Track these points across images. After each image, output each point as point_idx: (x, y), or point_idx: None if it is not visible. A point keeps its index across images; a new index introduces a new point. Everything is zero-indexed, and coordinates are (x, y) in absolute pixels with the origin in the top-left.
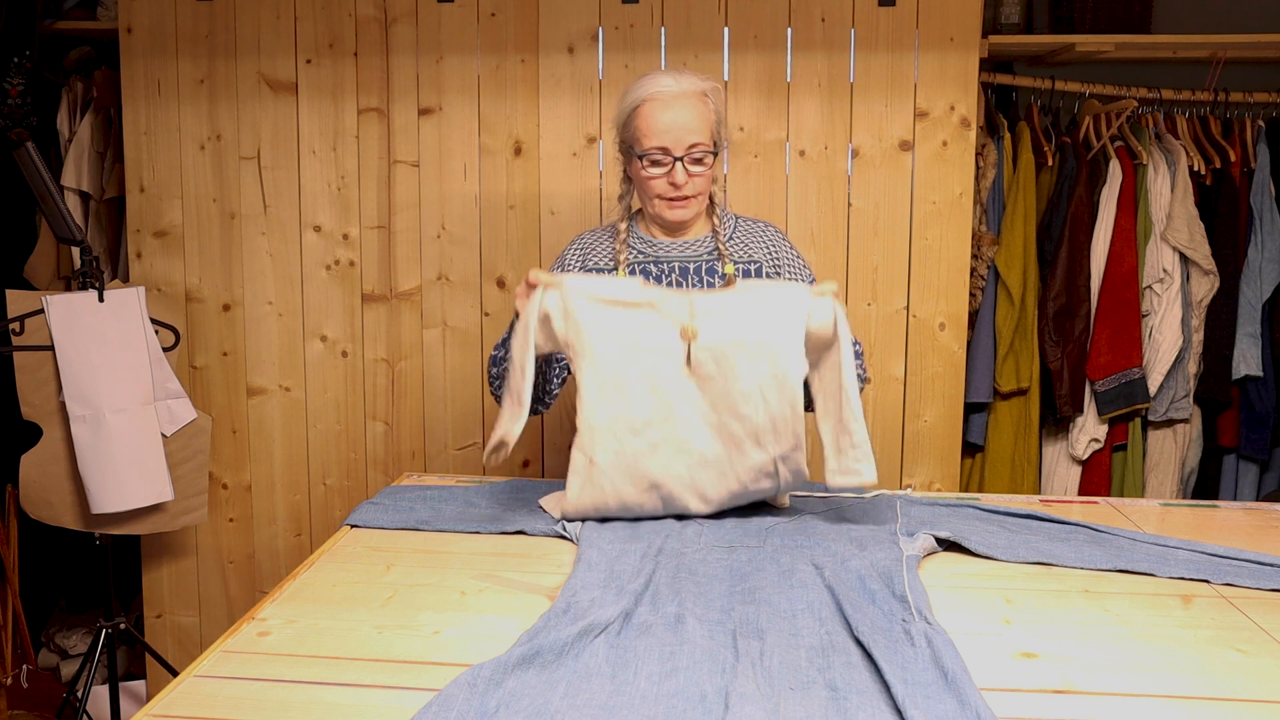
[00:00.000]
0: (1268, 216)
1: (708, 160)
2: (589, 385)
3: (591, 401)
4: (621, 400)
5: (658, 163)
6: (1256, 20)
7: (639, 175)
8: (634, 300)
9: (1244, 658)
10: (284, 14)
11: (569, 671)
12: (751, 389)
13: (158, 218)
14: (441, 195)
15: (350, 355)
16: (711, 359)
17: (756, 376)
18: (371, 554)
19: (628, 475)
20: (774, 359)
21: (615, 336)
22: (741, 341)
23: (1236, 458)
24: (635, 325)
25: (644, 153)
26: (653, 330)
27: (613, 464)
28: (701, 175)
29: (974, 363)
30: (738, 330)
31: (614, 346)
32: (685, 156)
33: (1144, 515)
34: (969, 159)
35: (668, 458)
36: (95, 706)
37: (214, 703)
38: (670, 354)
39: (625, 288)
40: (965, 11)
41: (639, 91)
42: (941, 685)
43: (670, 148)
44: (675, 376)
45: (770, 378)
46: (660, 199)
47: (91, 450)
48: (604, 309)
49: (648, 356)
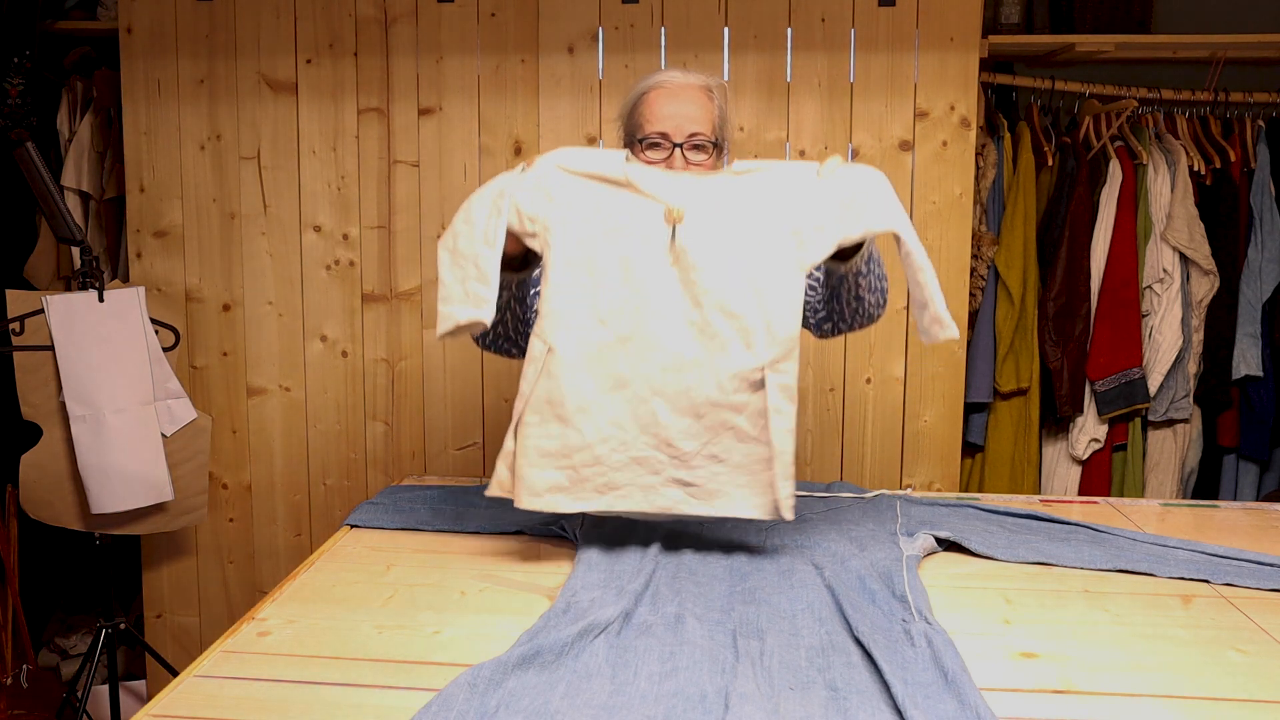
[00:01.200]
0: (1268, 216)
1: (708, 150)
2: (555, 265)
3: (556, 283)
4: (590, 284)
5: (656, 146)
6: (1256, 20)
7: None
8: (615, 176)
9: (1244, 658)
10: (284, 14)
11: (569, 671)
12: (742, 281)
13: (158, 218)
14: (441, 195)
15: (350, 355)
16: (698, 246)
17: (749, 267)
18: (371, 554)
19: (590, 369)
20: (771, 247)
21: (589, 214)
22: (734, 227)
23: (1236, 458)
24: (613, 203)
25: (644, 137)
26: (633, 211)
27: (574, 354)
28: (700, 166)
29: (974, 363)
30: (730, 214)
31: (586, 224)
32: (685, 143)
33: (1144, 515)
34: (969, 159)
35: (637, 354)
36: (95, 706)
37: (214, 703)
38: (651, 239)
39: (608, 161)
40: (965, 11)
41: (645, 82)
42: (941, 685)
43: (670, 134)
44: (655, 264)
45: (765, 268)
46: None
47: (91, 450)
48: (581, 183)
49: (624, 239)
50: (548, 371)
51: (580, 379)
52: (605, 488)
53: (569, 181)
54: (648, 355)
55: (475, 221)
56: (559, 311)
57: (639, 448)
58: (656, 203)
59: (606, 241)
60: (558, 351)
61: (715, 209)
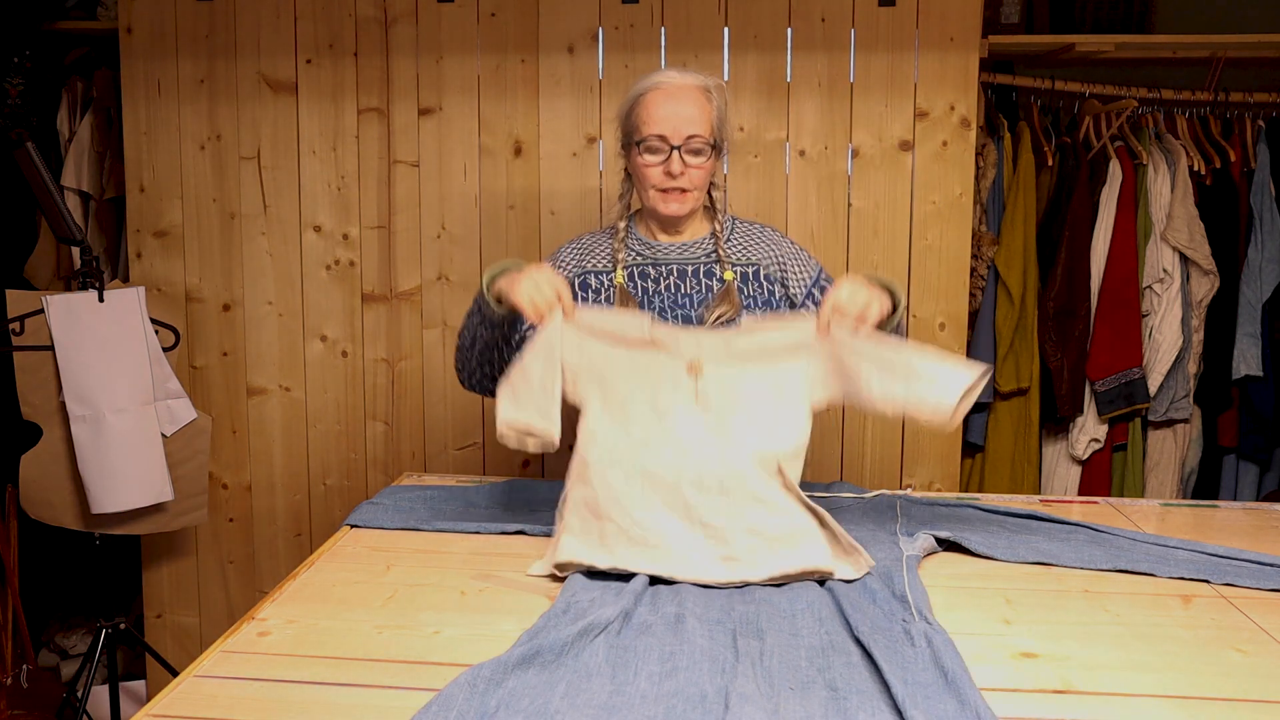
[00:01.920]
0: (1268, 216)
1: (706, 153)
2: (592, 404)
3: (594, 417)
4: (623, 419)
5: (654, 149)
6: (1256, 20)
7: (636, 165)
8: (640, 338)
9: (1244, 658)
10: (284, 14)
11: (569, 671)
12: (759, 414)
13: (158, 218)
14: (441, 195)
15: (350, 355)
16: (718, 390)
17: (764, 405)
18: (371, 554)
19: (620, 466)
20: (782, 393)
21: (622, 366)
22: (748, 375)
23: (1236, 458)
24: (642, 359)
25: (642, 139)
26: (660, 364)
27: (604, 460)
28: (699, 168)
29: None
30: (745, 366)
31: (621, 375)
32: (683, 146)
33: (1144, 515)
34: (969, 159)
35: (665, 455)
36: (95, 706)
37: (214, 703)
38: (677, 385)
39: (633, 324)
40: (965, 11)
41: (643, 83)
42: (941, 685)
43: (668, 135)
44: (681, 404)
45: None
46: (655, 190)
47: (91, 450)
48: (610, 345)
49: (654, 386)
50: (581, 479)
51: (611, 476)
52: (645, 552)
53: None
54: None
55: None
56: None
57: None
58: (678, 359)
59: (636, 386)
60: (589, 460)
61: (731, 363)
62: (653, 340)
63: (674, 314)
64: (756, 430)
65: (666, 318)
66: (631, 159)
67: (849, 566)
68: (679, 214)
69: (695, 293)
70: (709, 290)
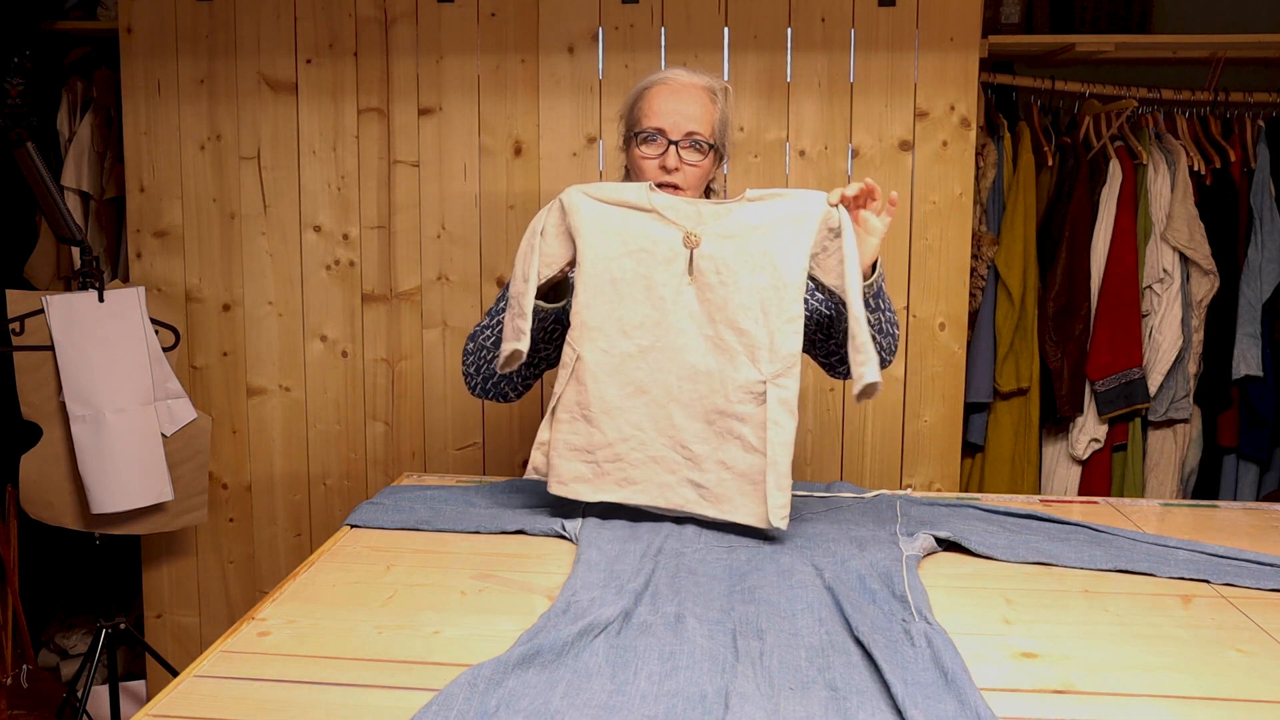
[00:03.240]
0: (1268, 216)
1: (704, 152)
2: (584, 282)
3: (585, 299)
4: (615, 299)
5: (651, 140)
6: (1256, 20)
7: (634, 158)
8: (638, 204)
9: (1244, 658)
10: (284, 14)
11: (569, 671)
12: (751, 300)
13: (158, 218)
14: (441, 195)
15: (350, 355)
16: (713, 267)
17: (758, 288)
18: (371, 554)
19: (614, 376)
20: (776, 270)
21: (615, 236)
22: (745, 250)
23: (1236, 458)
24: (638, 227)
25: (641, 130)
26: (656, 235)
27: (600, 362)
28: (694, 167)
29: (974, 363)
30: (742, 238)
31: (613, 245)
32: (681, 141)
33: (1144, 515)
34: (969, 159)
35: (657, 364)
36: (95, 706)
37: (214, 703)
38: (672, 260)
39: (632, 191)
40: (965, 11)
41: (649, 79)
42: (941, 685)
43: (667, 130)
44: (674, 283)
45: (771, 290)
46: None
47: (91, 450)
48: (607, 209)
49: (647, 260)
50: (576, 377)
51: (605, 385)
52: (625, 482)
53: (596, 208)
54: (666, 365)
55: (517, 262)
56: (587, 324)
57: (657, 448)
58: (676, 228)
59: (630, 261)
60: (585, 359)
61: (729, 234)
62: (652, 207)
63: None
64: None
65: None
66: (630, 152)
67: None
68: None
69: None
70: None
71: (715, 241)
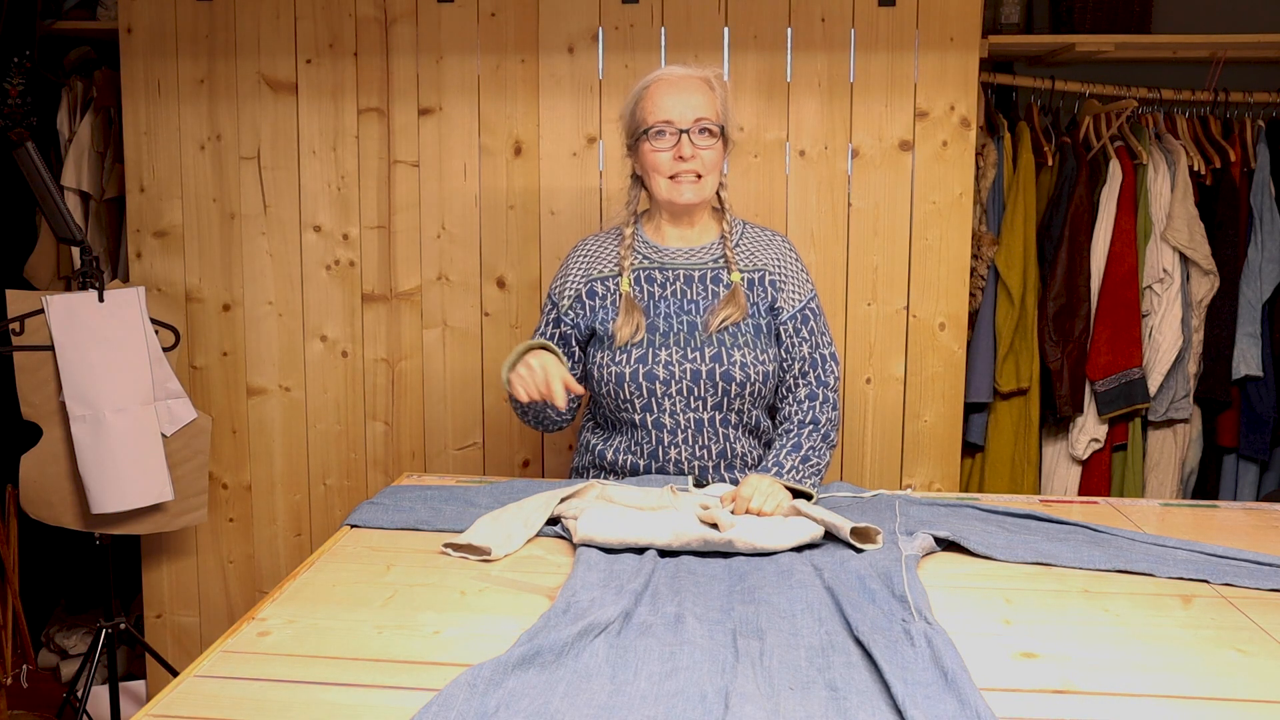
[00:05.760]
0: (1268, 216)
1: (715, 134)
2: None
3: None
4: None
5: (661, 134)
6: (1256, 20)
7: (645, 157)
8: (654, 506)
9: (1244, 658)
10: (284, 14)
11: (569, 671)
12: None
13: (158, 218)
14: (441, 195)
15: (350, 355)
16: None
17: None
18: (371, 554)
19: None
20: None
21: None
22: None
23: (1236, 458)
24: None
25: (649, 127)
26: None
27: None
28: (709, 150)
29: (974, 363)
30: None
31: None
32: (691, 128)
33: (1144, 515)
34: (969, 159)
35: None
36: (95, 706)
37: (214, 703)
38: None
39: (656, 494)
40: (965, 11)
41: (646, 80)
42: (941, 685)
43: (675, 120)
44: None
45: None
46: (667, 179)
47: (91, 450)
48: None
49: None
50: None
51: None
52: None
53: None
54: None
55: (524, 508)
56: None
57: None
58: (688, 508)
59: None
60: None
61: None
62: (672, 505)
63: (679, 318)
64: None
65: (672, 322)
66: (640, 153)
67: None
68: (693, 201)
69: (701, 298)
70: (715, 295)
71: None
